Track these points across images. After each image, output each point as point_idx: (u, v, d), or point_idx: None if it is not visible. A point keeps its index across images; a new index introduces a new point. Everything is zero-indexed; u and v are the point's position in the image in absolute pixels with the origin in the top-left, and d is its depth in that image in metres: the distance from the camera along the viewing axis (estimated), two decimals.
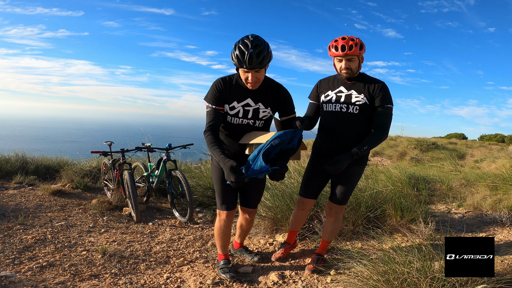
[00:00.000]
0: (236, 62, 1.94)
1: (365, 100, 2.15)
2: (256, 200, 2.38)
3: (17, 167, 5.53)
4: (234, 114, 2.10)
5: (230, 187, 2.11)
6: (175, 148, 4.10)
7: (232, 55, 1.96)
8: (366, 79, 2.20)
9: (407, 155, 12.22)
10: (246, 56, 1.88)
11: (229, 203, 2.25)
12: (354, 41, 2.08)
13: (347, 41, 2.08)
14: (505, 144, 21.39)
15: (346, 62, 2.13)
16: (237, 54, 1.91)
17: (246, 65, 1.90)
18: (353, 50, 2.07)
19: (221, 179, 2.19)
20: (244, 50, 1.89)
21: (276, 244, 2.98)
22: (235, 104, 2.09)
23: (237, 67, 2.00)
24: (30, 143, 36.05)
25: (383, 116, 2.15)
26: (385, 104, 2.14)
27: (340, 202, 2.31)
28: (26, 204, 4.02)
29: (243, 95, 2.09)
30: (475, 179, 4.55)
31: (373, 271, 1.87)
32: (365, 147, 2.09)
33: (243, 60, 1.89)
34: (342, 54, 2.09)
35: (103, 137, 20.14)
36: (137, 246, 2.93)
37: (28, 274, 2.30)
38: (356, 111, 2.16)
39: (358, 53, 2.10)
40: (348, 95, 2.19)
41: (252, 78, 1.97)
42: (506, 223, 3.20)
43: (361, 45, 2.10)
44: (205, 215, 3.91)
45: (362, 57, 2.18)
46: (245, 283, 2.31)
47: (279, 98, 2.18)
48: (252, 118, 2.14)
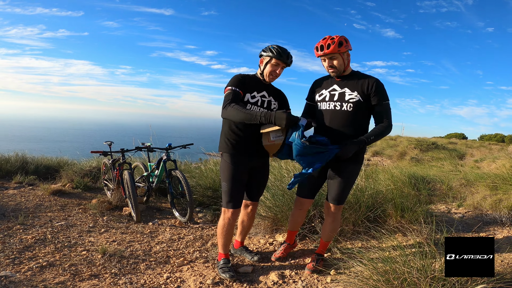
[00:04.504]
0: (275, 53, 2.27)
1: (359, 97, 2.18)
2: (260, 193, 2.56)
3: (17, 167, 5.53)
4: (254, 102, 2.34)
5: (241, 185, 2.31)
6: (175, 148, 4.10)
7: (268, 49, 2.30)
8: (359, 76, 2.23)
9: (407, 155, 12.23)
10: (286, 53, 2.30)
11: (236, 201, 2.33)
12: (333, 40, 2.13)
13: (326, 40, 2.15)
14: (505, 144, 21.39)
15: (328, 61, 2.20)
16: (278, 49, 2.28)
17: (284, 58, 2.29)
18: (330, 48, 2.13)
19: (232, 176, 2.29)
20: (283, 49, 2.30)
21: (276, 244, 2.98)
22: (256, 93, 2.35)
23: (273, 57, 2.29)
24: (30, 143, 36.05)
25: (384, 112, 2.21)
26: (383, 102, 2.19)
27: (338, 202, 2.31)
28: (26, 204, 4.02)
29: (261, 87, 2.39)
30: (475, 179, 4.55)
31: (373, 271, 1.87)
32: (372, 137, 2.16)
33: (284, 54, 2.28)
34: (322, 53, 2.18)
35: (103, 137, 20.16)
36: (137, 246, 2.93)
37: (28, 274, 2.30)
38: (350, 109, 2.19)
39: (337, 51, 2.13)
40: (342, 93, 2.22)
41: (279, 71, 2.34)
42: (506, 223, 3.20)
43: (340, 42, 2.13)
44: (205, 215, 3.91)
45: (347, 53, 2.21)
46: (245, 283, 2.31)
47: (280, 96, 2.52)
48: (266, 108, 2.39)
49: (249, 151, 2.32)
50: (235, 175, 2.29)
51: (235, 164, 2.30)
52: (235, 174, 2.29)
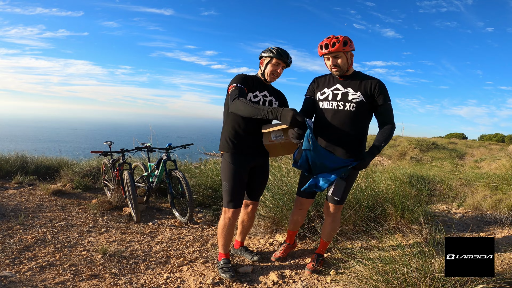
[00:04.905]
0: (275, 54, 2.32)
1: (362, 97, 2.19)
2: (260, 193, 2.58)
3: (17, 167, 5.53)
4: (257, 101, 2.36)
5: (241, 184, 2.32)
6: (175, 148, 4.10)
7: (268, 50, 2.35)
8: (362, 77, 2.24)
9: (407, 155, 12.22)
10: (286, 53, 2.35)
11: (237, 201, 2.34)
12: (338, 39, 2.14)
13: (331, 39, 2.15)
14: (505, 144, 21.39)
15: (332, 59, 2.20)
16: (278, 50, 2.33)
17: (284, 57, 2.34)
18: (335, 47, 2.13)
19: (233, 176, 2.30)
20: (283, 49, 2.35)
21: (276, 244, 2.98)
22: (258, 93, 2.38)
23: (274, 57, 2.33)
24: (30, 143, 36.04)
25: (388, 113, 2.23)
26: (386, 102, 2.21)
27: (337, 202, 2.32)
28: (26, 204, 4.02)
29: (262, 87, 2.43)
30: (475, 179, 4.55)
31: (373, 271, 1.87)
32: (383, 143, 2.19)
33: (283, 54, 2.33)
34: (326, 52, 2.17)
35: (103, 137, 20.13)
36: (137, 246, 2.93)
37: (28, 274, 2.30)
38: (353, 109, 2.20)
39: (342, 49, 2.14)
40: (345, 93, 2.22)
41: (280, 71, 2.38)
42: (506, 223, 3.20)
43: (345, 41, 2.14)
44: (205, 215, 3.91)
45: (351, 53, 2.22)
46: (245, 283, 2.31)
47: (281, 96, 2.57)
48: None
49: (250, 151, 2.34)
50: (236, 174, 2.30)
51: (236, 163, 2.30)
52: (236, 174, 2.30)
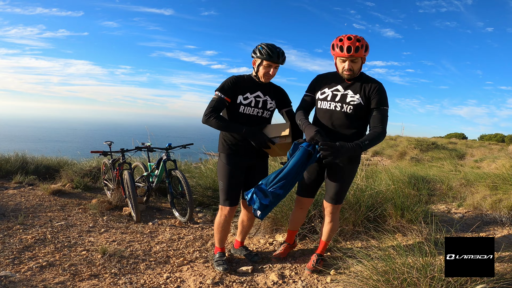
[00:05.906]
0: (265, 55, 2.23)
1: (360, 100, 2.14)
2: None
3: (17, 167, 5.53)
4: (248, 103, 2.34)
5: (236, 184, 2.38)
6: (175, 148, 4.10)
7: (258, 51, 2.26)
8: (364, 79, 2.18)
9: (407, 155, 12.22)
10: (276, 52, 2.24)
11: (233, 199, 2.42)
12: (361, 43, 2.01)
13: (353, 41, 2.00)
14: (505, 144, 21.39)
15: (349, 64, 2.08)
16: (267, 50, 2.23)
17: (275, 58, 2.24)
18: (359, 52, 2.02)
19: (228, 175, 2.36)
20: (273, 48, 2.25)
21: (276, 244, 2.98)
22: (248, 95, 2.35)
23: (264, 60, 2.25)
24: (30, 143, 36.03)
25: (379, 118, 2.13)
26: (380, 106, 2.13)
27: (336, 201, 2.31)
28: (26, 204, 4.02)
29: (254, 88, 2.37)
30: (475, 179, 4.55)
31: (373, 271, 1.87)
32: (366, 142, 2.06)
33: (273, 54, 2.23)
34: (348, 55, 2.03)
35: (103, 137, 20.12)
36: (137, 246, 2.93)
37: (28, 274, 2.30)
38: (350, 111, 2.16)
39: (363, 55, 2.07)
40: (344, 95, 2.18)
41: (273, 72, 2.31)
42: (506, 223, 3.20)
43: (367, 46, 2.06)
44: (205, 215, 3.91)
45: (364, 58, 2.14)
46: (245, 283, 2.31)
47: (279, 92, 2.51)
48: (262, 108, 2.39)
49: (246, 152, 2.38)
50: (230, 174, 2.36)
51: (230, 164, 2.37)
52: (230, 173, 2.36)
